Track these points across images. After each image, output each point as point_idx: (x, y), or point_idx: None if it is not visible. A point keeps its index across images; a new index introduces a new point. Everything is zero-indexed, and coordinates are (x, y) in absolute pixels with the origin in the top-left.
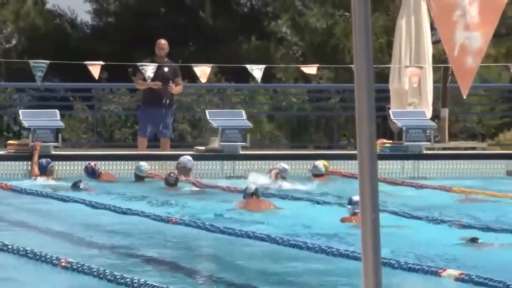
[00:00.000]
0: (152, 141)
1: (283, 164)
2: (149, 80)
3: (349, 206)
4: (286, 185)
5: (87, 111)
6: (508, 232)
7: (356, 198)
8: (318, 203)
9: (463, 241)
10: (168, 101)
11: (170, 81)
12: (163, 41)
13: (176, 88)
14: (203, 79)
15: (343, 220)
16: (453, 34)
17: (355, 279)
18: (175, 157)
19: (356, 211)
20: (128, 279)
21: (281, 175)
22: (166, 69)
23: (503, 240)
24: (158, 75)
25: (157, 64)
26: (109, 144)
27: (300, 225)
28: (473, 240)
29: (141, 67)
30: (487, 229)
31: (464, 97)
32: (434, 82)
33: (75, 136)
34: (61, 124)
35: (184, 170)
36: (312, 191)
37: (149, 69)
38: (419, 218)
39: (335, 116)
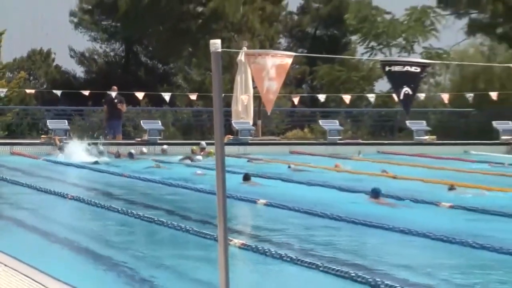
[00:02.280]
0: (113, 137)
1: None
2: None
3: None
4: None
5: (81, 121)
6: (270, 179)
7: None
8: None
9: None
10: (119, 116)
11: (119, 105)
12: (115, 87)
13: (122, 107)
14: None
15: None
16: (263, 82)
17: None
18: (125, 144)
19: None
20: (104, 205)
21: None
22: (116, 99)
23: (272, 184)
24: (112, 101)
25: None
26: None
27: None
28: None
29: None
30: (262, 177)
31: (269, 114)
32: (254, 107)
33: (75, 134)
34: (68, 127)
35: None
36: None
37: (110, 97)
38: (239, 173)
39: (205, 124)
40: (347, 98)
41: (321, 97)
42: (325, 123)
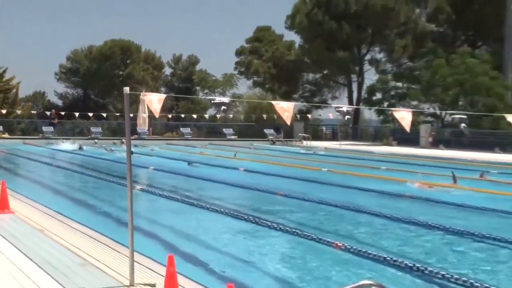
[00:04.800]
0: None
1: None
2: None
3: None
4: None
5: (60, 127)
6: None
7: None
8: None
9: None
10: (54, 126)
11: (52, 120)
12: (53, 110)
13: (54, 121)
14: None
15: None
16: (152, 105)
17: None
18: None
19: None
20: (74, 169)
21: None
22: (52, 116)
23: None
24: (50, 118)
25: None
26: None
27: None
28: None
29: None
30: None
31: (157, 117)
32: (148, 121)
33: (61, 134)
34: (54, 131)
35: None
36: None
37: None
38: (150, 155)
39: (124, 129)
40: (188, 116)
41: (182, 115)
42: (183, 129)
